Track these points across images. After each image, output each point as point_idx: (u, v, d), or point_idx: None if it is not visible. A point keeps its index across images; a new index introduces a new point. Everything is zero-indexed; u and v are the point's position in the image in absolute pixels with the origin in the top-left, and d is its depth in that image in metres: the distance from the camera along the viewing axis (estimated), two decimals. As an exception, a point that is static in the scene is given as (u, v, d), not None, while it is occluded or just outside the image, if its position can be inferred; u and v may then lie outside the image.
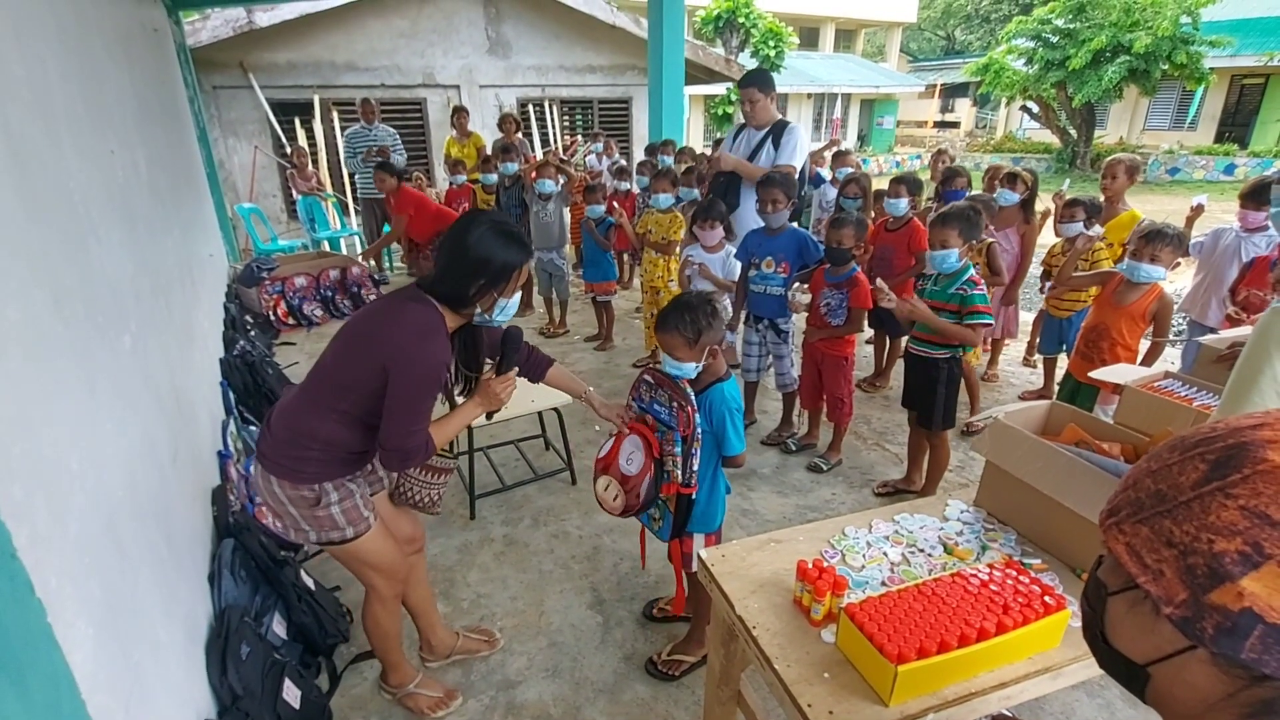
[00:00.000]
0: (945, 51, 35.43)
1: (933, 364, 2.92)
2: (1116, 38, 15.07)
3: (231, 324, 4.39)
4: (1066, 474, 1.51)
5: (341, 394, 1.65)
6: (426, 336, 1.62)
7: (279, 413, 1.75)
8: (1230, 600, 0.49)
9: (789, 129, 3.87)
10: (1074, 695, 2.13)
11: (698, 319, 1.85)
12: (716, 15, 17.14)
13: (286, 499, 1.71)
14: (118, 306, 1.78)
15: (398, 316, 1.65)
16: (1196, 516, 0.51)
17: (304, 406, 1.70)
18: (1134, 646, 0.57)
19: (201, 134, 6.35)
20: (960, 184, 4.49)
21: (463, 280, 1.65)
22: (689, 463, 1.84)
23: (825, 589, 1.38)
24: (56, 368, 1.23)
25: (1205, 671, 0.52)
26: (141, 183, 2.58)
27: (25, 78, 1.40)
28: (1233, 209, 3.63)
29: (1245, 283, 3.32)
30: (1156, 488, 0.55)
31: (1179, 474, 0.54)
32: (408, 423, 1.62)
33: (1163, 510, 0.54)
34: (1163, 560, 0.53)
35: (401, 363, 1.58)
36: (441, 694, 2.15)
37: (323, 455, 1.69)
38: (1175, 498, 0.53)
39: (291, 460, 1.68)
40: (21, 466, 0.98)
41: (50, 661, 0.95)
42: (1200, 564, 0.50)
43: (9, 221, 1.13)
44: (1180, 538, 0.52)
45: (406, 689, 2.11)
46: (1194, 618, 0.50)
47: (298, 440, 1.67)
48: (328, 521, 1.74)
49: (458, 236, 1.67)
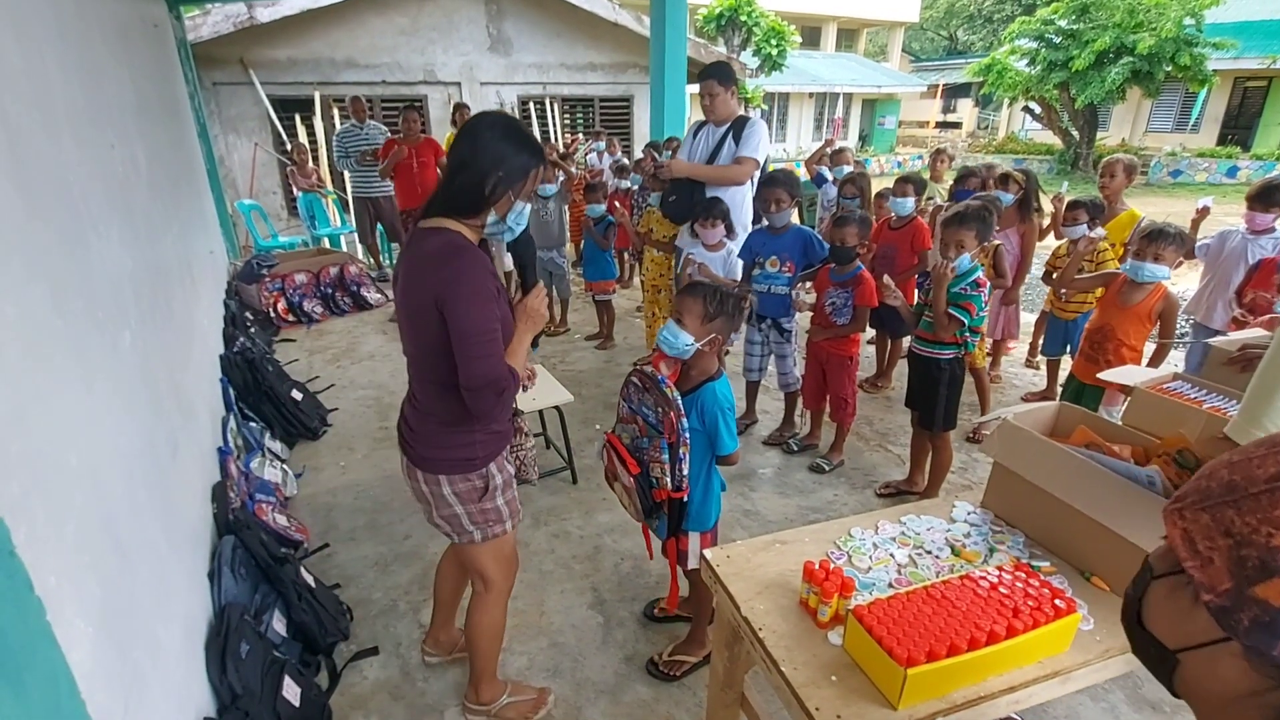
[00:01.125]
0: (948, 52, 35.41)
1: (934, 364, 2.91)
2: (1120, 39, 15.06)
3: (231, 320, 4.37)
4: (1077, 476, 1.50)
5: (440, 363, 1.58)
6: (455, 255, 1.54)
7: (416, 417, 1.72)
8: (1274, 596, 0.48)
9: (750, 123, 3.65)
10: (1078, 699, 2.12)
11: (725, 302, 1.89)
12: (718, 14, 17.10)
13: (456, 497, 1.71)
14: (117, 302, 1.77)
15: (421, 258, 1.57)
16: (1263, 509, 0.51)
17: (434, 396, 1.65)
18: (1168, 631, 0.58)
19: (202, 130, 6.32)
20: (973, 184, 4.47)
21: (478, 179, 1.56)
22: (677, 468, 1.82)
23: (832, 590, 1.37)
24: (55, 364, 1.21)
25: (1235, 665, 0.52)
26: (141, 178, 2.56)
27: (24, 71, 1.38)
28: (1236, 211, 3.61)
29: (1251, 285, 3.30)
30: (1230, 478, 0.55)
31: (1258, 466, 0.53)
32: (479, 350, 1.52)
33: (1230, 500, 0.53)
34: (1215, 548, 0.53)
35: (447, 294, 1.50)
36: (535, 695, 2.09)
37: (481, 432, 1.69)
38: (1246, 489, 0.53)
39: (461, 449, 1.68)
40: (20, 464, 0.96)
41: (49, 660, 0.93)
42: (1253, 556, 0.50)
43: (7, 216, 1.12)
44: (1240, 528, 0.52)
45: (501, 703, 2.03)
46: (1233, 608, 0.50)
47: (456, 428, 1.66)
48: (493, 514, 1.76)
49: (472, 134, 1.58)
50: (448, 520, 1.76)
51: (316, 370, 4.75)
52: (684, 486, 1.85)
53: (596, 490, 3.20)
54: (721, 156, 3.69)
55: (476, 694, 2.02)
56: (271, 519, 2.65)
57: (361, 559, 2.80)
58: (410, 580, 2.68)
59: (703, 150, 3.75)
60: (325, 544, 2.86)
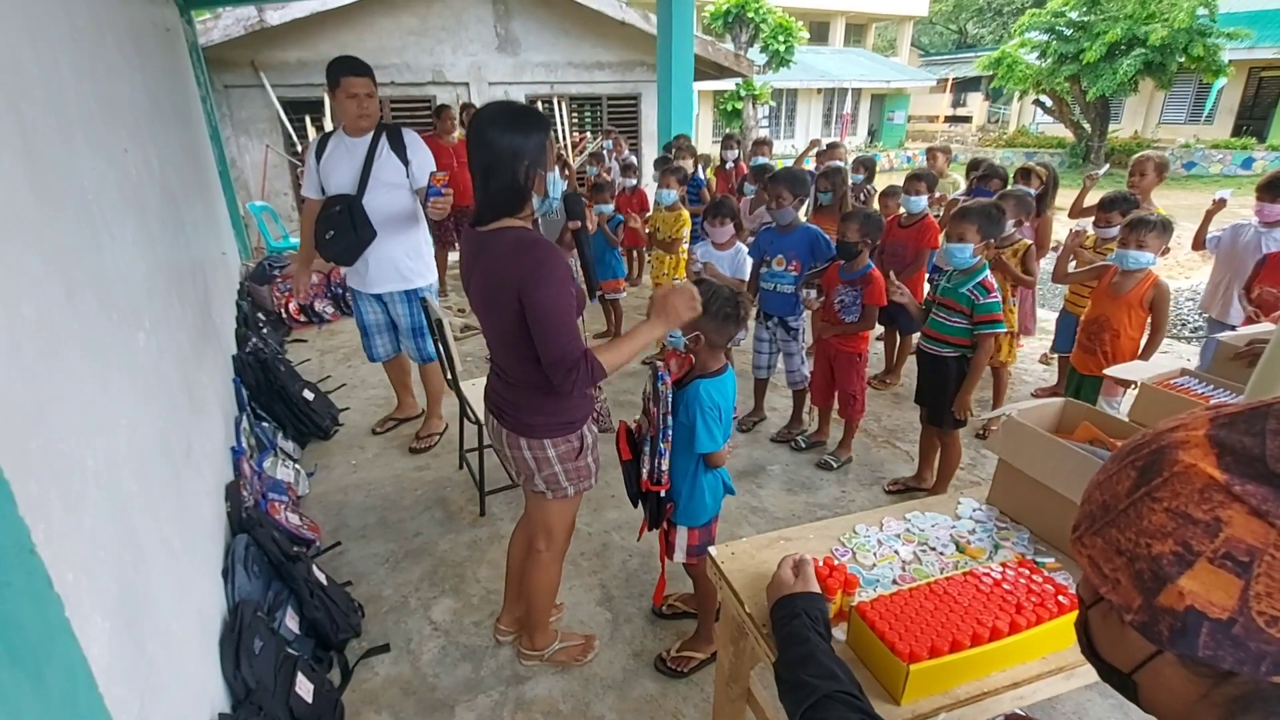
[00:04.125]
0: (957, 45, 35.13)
1: (942, 362, 2.90)
2: (1132, 30, 14.90)
3: (244, 321, 4.42)
4: (1081, 473, 1.50)
5: (525, 343, 1.69)
6: (530, 248, 1.64)
7: (510, 390, 1.84)
8: (1175, 601, 0.50)
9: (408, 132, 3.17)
10: (1086, 695, 2.12)
11: (713, 302, 1.90)
12: (726, 10, 17.04)
13: (555, 457, 1.87)
14: (131, 303, 1.80)
15: (498, 256, 1.66)
16: (1134, 523, 0.53)
17: (527, 369, 1.75)
18: (1115, 656, 0.59)
19: (214, 133, 6.38)
20: (995, 185, 4.43)
21: (510, 178, 1.65)
22: (655, 461, 1.92)
23: (836, 587, 1.38)
24: (71, 364, 1.24)
25: (1177, 674, 0.53)
26: (154, 181, 2.60)
27: (40, 77, 1.41)
28: (1251, 204, 3.57)
29: (1260, 279, 3.26)
30: (1103, 499, 0.57)
31: (1117, 483, 0.56)
32: (555, 332, 1.63)
33: (1109, 520, 0.55)
34: (1117, 569, 0.54)
35: (527, 282, 1.61)
36: (583, 640, 2.31)
37: (575, 397, 1.82)
38: (1116, 506, 0.55)
39: (561, 413, 1.84)
40: (37, 462, 0.99)
41: (67, 654, 0.95)
42: (1145, 569, 0.52)
43: (24, 218, 1.14)
44: (1126, 545, 0.53)
45: (553, 648, 2.25)
46: (1151, 622, 0.52)
47: (552, 395, 1.77)
48: (585, 471, 1.95)
49: (481, 138, 1.64)
50: (548, 480, 1.91)
51: (328, 370, 4.80)
52: (663, 481, 1.94)
53: (605, 487, 3.22)
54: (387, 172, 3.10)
55: (531, 641, 2.24)
56: (284, 517, 2.69)
57: (372, 556, 2.83)
58: (420, 577, 2.70)
59: (352, 167, 3.06)
60: (337, 542, 2.90)
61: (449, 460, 3.55)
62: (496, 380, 1.91)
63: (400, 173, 3.12)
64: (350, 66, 2.93)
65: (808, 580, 1.23)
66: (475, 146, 1.65)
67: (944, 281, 2.88)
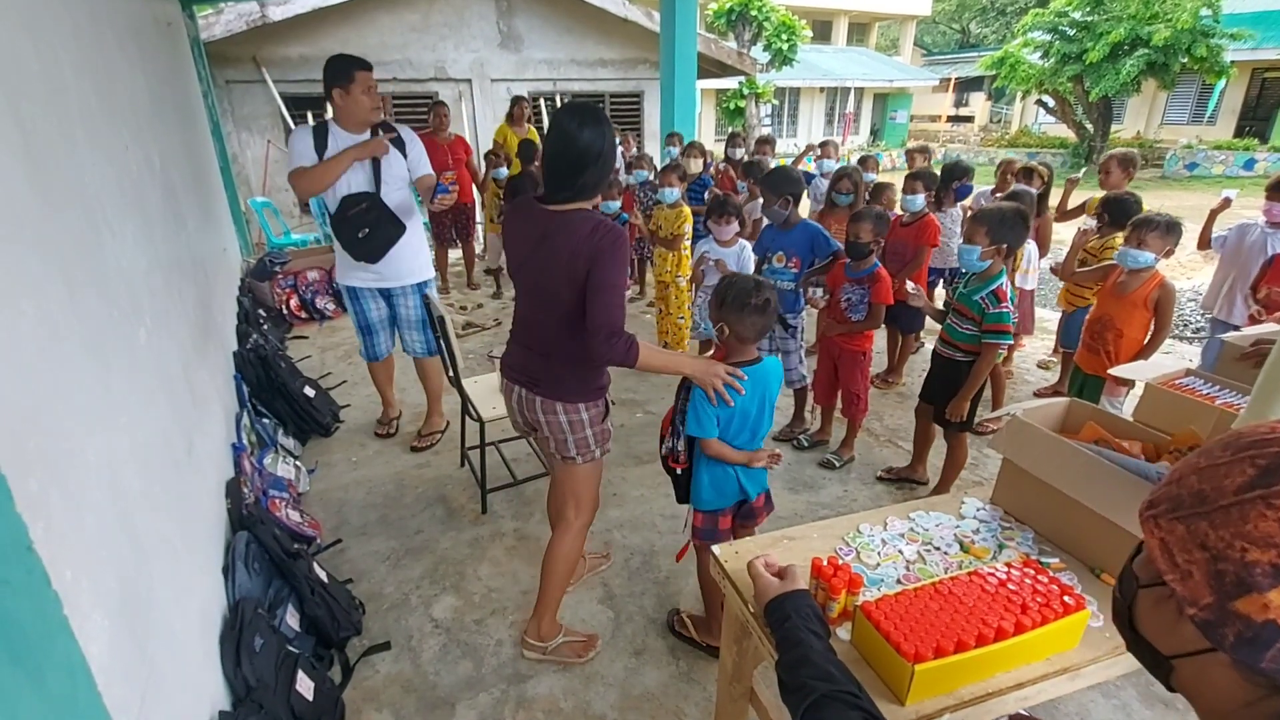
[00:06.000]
0: (960, 45, 35.09)
1: (954, 366, 2.89)
2: (1135, 30, 14.85)
3: (245, 318, 4.41)
4: (1086, 473, 1.49)
5: (577, 314, 1.84)
6: (605, 228, 1.81)
7: (546, 362, 1.98)
8: (1255, 611, 0.48)
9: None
10: (1089, 695, 2.11)
11: (728, 292, 1.93)
12: (729, 9, 17.02)
13: (588, 420, 2.02)
14: (132, 300, 1.79)
15: (573, 234, 1.81)
16: (1234, 523, 0.50)
17: (568, 340, 1.91)
18: (1159, 639, 0.58)
19: (215, 128, 6.38)
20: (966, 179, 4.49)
21: (605, 170, 1.85)
22: (674, 441, 2.05)
23: (840, 587, 1.37)
24: (72, 361, 1.23)
25: (1226, 674, 0.52)
26: (155, 177, 2.59)
27: (40, 73, 1.40)
28: (1254, 205, 3.56)
29: (1267, 279, 3.25)
30: (1199, 487, 0.53)
31: (1225, 475, 0.52)
32: (611, 300, 1.79)
33: (1201, 511, 0.52)
34: (1193, 562, 0.52)
35: (599, 254, 1.78)
36: (585, 638, 2.33)
37: (601, 367, 2.00)
38: (1216, 500, 0.52)
39: (593, 379, 2.01)
40: (37, 459, 0.98)
41: (67, 653, 0.95)
42: (1230, 571, 0.49)
43: (24, 215, 1.14)
44: (1214, 542, 0.51)
45: (556, 641, 2.28)
46: (1216, 622, 0.50)
47: (587, 364, 1.94)
48: (608, 434, 2.11)
49: (595, 123, 1.79)
50: (578, 445, 2.04)
51: (329, 367, 4.79)
52: (680, 459, 2.05)
53: (608, 485, 3.21)
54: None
55: (538, 629, 2.26)
56: (284, 515, 2.68)
57: (373, 554, 2.82)
58: (421, 575, 2.70)
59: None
60: (337, 539, 2.89)
61: (450, 458, 3.54)
62: (526, 354, 2.04)
63: (403, 166, 3.16)
64: (362, 61, 2.96)
65: (794, 578, 1.22)
66: (563, 140, 1.80)
67: (961, 286, 2.86)
